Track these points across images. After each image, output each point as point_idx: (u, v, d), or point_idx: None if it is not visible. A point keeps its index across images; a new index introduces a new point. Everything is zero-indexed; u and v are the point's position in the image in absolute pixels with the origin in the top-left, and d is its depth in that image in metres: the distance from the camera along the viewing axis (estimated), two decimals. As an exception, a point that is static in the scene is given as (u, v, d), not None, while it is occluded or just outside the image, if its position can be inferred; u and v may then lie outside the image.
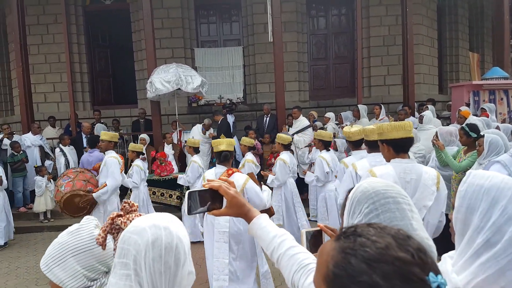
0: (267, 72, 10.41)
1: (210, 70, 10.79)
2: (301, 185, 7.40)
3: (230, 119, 8.97)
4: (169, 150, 7.99)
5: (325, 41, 11.23)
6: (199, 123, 8.84)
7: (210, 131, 8.48)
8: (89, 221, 1.32)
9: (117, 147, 8.60)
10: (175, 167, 7.51)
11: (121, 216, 1.24)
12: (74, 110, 9.20)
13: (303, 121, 8.09)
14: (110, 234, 1.23)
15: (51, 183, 7.35)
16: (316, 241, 1.33)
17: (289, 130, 8.04)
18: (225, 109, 9.18)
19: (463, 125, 4.40)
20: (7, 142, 7.85)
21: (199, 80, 7.89)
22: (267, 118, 8.83)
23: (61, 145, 8.09)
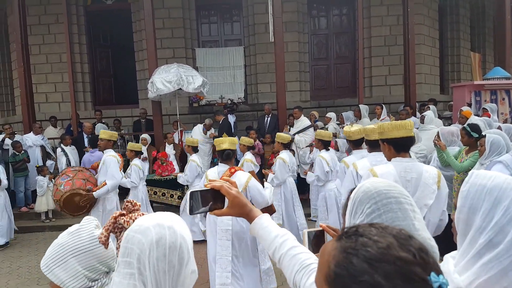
0: (268, 72, 10.41)
1: (211, 70, 10.80)
2: (302, 185, 7.41)
3: (231, 119, 8.98)
4: (170, 150, 8.00)
5: (326, 41, 11.23)
6: (200, 123, 8.85)
7: (211, 131, 8.48)
8: (89, 221, 1.32)
9: (118, 147, 8.61)
10: (176, 167, 7.51)
11: (123, 215, 1.24)
12: (75, 110, 9.21)
13: (304, 121, 8.09)
14: (112, 233, 1.23)
15: (52, 183, 7.36)
16: (318, 241, 1.33)
17: (290, 130, 8.04)
18: (226, 109, 9.18)
19: (465, 125, 4.39)
20: (8, 142, 7.86)
21: (200, 80, 7.90)
22: (268, 118, 8.83)
23: (62, 145, 8.10)
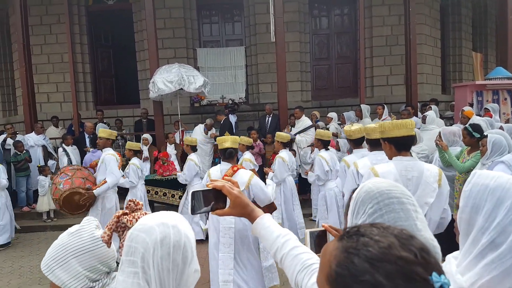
0: (269, 72, 10.41)
1: (212, 70, 10.80)
2: (303, 185, 7.41)
3: (232, 119, 8.97)
4: (172, 150, 8.00)
5: (327, 41, 11.22)
6: (201, 123, 8.85)
7: (212, 131, 8.48)
8: (89, 222, 1.32)
9: (120, 147, 8.62)
10: (177, 167, 7.51)
11: (126, 214, 1.24)
12: (77, 110, 9.23)
13: (305, 121, 8.09)
14: (115, 232, 1.24)
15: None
16: (320, 242, 1.33)
17: (291, 130, 8.04)
18: (227, 109, 9.18)
19: (467, 125, 4.38)
20: (10, 142, 7.88)
21: (202, 80, 7.90)
22: (269, 118, 8.83)
23: (64, 145, 8.11)
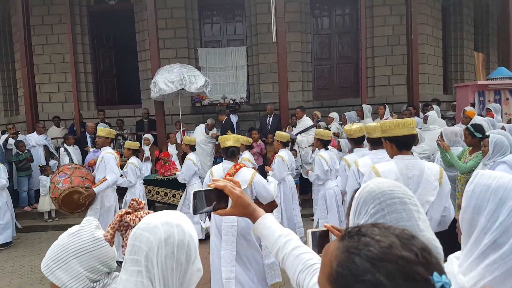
0: (270, 72, 10.40)
1: (213, 70, 10.80)
2: (305, 185, 7.41)
3: (233, 119, 8.98)
4: (173, 150, 8.01)
5: (328, 41, 11.22)
6: (203, 123, 8.86)
7: (213, 131, 8.48)
8: (89, 222, 1.32)
9: (121, 146, 8.62)
10: (178, 167, 7.51)
11: (129, 213, 1.24)
12: (78, 110, 9.25)
13: (306, 121, 8.08)
14: (118, 231, 1.24)
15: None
16: (323, 242, 1.32)
17: (292, 130, 8.04)
18: (229, 109, 9.18)
19: (468, 126, 4.38)
20: (12, 141, 7.90)
21: (203, 80, 7.90)
22: (271, 118, 8.83)
23: (65, 144, 8.13)
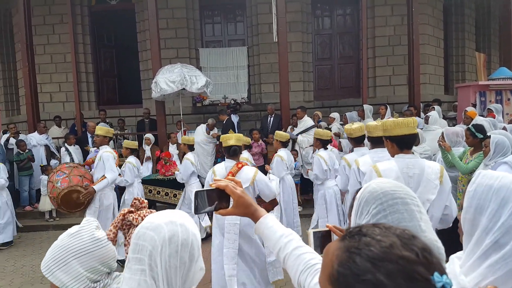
0: (271, 72, 10.40)
1: (214, 70, 10.81)
2: (306, 185, 7.40)
3: (234, 119, 8.98)
4: (174, 150, 8.01)
5: (330, 41, 11.21)
6: (203, 123, 8.85)
7: (214, 131, 8.48)
8: (89, 222, 1.32)
9: (122, 147, 8.63)
10: (179, 167, 7.53)
11: (132, 212, 1.25)
12: (79, 109, 9.26)
13: (307, 121, 8.08)
14: (121, 230, 1.24)
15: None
16: (325, 242, 1.32)
17: (293, 130, 8.04)
18: (229, 109, 9.18)
19: (469, 126, 4.37)
20: (13, 141, 7.91)
21: (204, 80, 7.90)
22: (271, 118, 8.83)
23: (66, 144, 8.13)
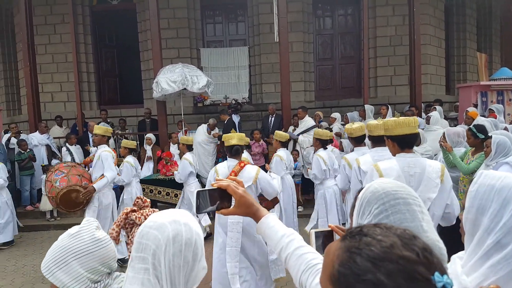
0: (272, 72, 10.40)
1: (215, 70, 10.81)
2: (307, 186, 7.40)
3: (235, 119, 8.98)
4: (175, 150, 8.00)
5: (331, 41, 11.20)
6: (205, 123, 8.86)
7: (215, 131, 8.48)
8: (89, 223, 1.32)
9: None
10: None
11: (135, 211, 1.25)
12: (80, 109, 9.27)
13: (308, 121, 8.08)
14: (123, 228, 1.24)
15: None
16: (327, 242, 1.32)
17: (294, 130, 8.03)
18: (231, 109, 9.19)
19: (471, 126, 4.36)
20: (14, 141, 7.92)
21: (205, 80, 7.91)
22: (272, 118, 8.83)
23: (67, 144, 8.15)
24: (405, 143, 2.53)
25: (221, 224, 3.66)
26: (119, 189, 6.11)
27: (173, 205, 6.53)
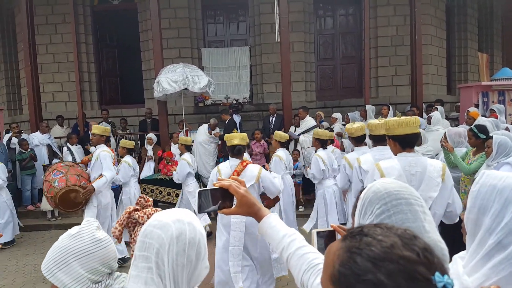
0: (273, 72, 10.40)
1: (216, 70, 10.81)
2: (307, 186, 7.40)
3: (236, 119, 8.98)
4: (176, 149, 7.99)
5: (332, 41, 11.20)
6: (206, 123, 8.86)
7: (216, 131, 8.49)
8: (90, 223, 1.32)
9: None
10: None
11: (137, 210, 1.25)
12: (81, 109, 9.28)
13: (309, 121, 8.08)
14: (126, 227, 1.24)
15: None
16: (329, 242, 1.32)
17: (295, 130, 8.03)
18: (232, 109, 9.19)
19: (472, 126, 4.36)
20: (15, 141, 7.93)
21: (206, 80, 7.91)
22: (273, 118, 8.83)
23: (68, 144, 8.15)
24: (406, 143, 2.54)
25: (224, 224, 3.67)
26: (119, 189, 6.11)
27: (174, 205, 6.54)
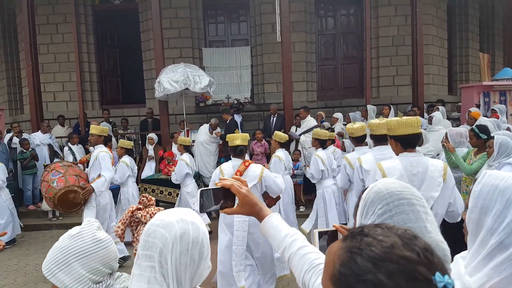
0: (274, 72, 10.40)
1: (217, 70, 10.82)
2: (308, 186, 7.40)
3: (237, 119, 8.98)
4: (177, 149, 8.01)
5: (333, 41, 11.19)
6: (206, 123, 8.86)
7: (217, 130, 8.49)
8: (90, 223, 1.32)
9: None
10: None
11: (140, 209, 1.25)
12: (83, 109, 9.29)
13: (310, 121, 8.08)
14: (129, 226, 1.24)
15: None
16: (331, 242, 1.32)
17: (296, 130, 8.03)
18: (233, 109, 9.19)
19: (473, 127, 4.35)
20: (16, 140, 7.94)
21: (207, 80, 7.91)
22: (274, 118, 8.83)
23: (69, 143, 8.16)
24: (407, 143, 2.55)
25: (227, 224, 3.69)
26: (119, 189, 6.12)
27: (174, 205, 6.54)
